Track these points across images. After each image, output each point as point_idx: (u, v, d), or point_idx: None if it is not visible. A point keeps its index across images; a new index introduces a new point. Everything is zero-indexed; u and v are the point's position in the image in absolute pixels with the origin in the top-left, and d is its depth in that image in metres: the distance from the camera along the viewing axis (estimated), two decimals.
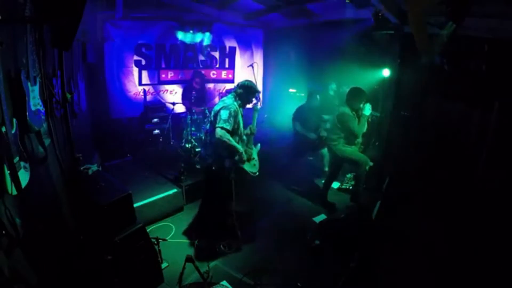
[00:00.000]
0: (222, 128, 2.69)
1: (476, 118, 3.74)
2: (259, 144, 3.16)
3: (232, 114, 2.75)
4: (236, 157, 2.84)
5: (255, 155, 3.16)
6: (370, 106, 3.78)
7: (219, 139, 2.69)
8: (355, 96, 3.72)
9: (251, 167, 3.03)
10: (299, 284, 2.69)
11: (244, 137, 3.07)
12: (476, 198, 3.47)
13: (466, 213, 3.42)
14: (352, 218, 3.77)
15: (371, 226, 3.51)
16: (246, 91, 2.93)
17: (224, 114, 2.73)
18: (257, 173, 3.09)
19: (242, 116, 3.01)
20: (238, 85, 2.99)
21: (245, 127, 3.11)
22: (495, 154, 3.53)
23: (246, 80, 3.01)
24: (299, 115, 4.67)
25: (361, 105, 3.73)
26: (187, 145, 4.71)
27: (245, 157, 2.91)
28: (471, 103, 3.71)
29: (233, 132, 2.82)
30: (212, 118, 2.89)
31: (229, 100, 2.88)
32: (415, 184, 4.06)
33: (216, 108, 2.85)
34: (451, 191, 3.75)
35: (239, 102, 2.91)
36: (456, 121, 3.95)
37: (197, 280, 2.70)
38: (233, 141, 2.76)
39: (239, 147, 2.84)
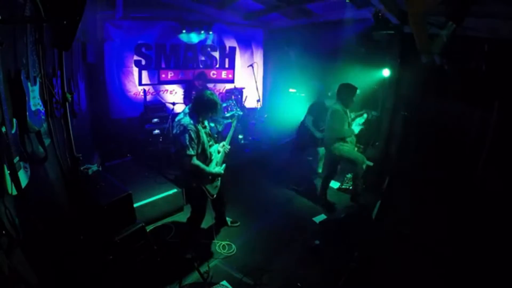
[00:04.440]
0: (188, 156, 2.56)
1: (476, 118, 3.74)
2: (224, 165, 2.98)
3: (192, 136, 2.55)
4: (209, 177, 2.80)
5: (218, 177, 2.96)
6: (365, 116, 3.80)
7: (190, 167, 2.61)
8: (345, 91, 3.72)
9: (213, 189, 2.89)
10: (299, 284, 2.69)
11: (214, 154, 2.91)
12: (476, 198, 3.47)
13: (466, 213, 3.42)
14: (352, 218, 3.77)
15: (371, 226, 3.51)
16: (202, 105, 2.66)
17: (184, 140, 2.53)
18: (215, 196, 2.93)
19: (208, 127, 2.88)
20: (195, 97, 2.77)
21: (220, 140, 3.03)
22: (495, 154, 3.52)
23: (205, 94, 2.69)
24: (314, 110, 4.66)
25: (354, 99, 3.75)
26: None
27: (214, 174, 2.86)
28: (471, 103, 3.71)
29: (199, 154, 2.67)
30: (173, 140, 2.77)
31: (185, 119, 2.62)
32: (415, 184, 4.06)
33: (175, 131, 2.64)
34: (451, 190, 3.75)
35: (197, 118, 2.66)
36: (456, 121, 3.95)
37: (197, 280, 2.71)
38: (202, 166, 2.67)
39: (210, 170, 2.77)
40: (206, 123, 2.86)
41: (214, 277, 2.74)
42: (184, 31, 5.46)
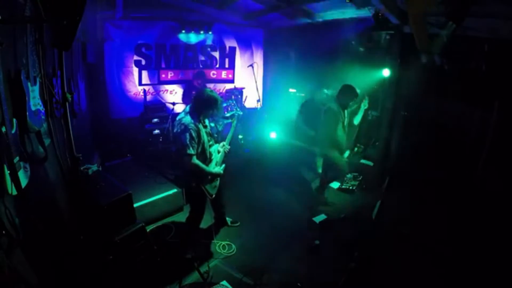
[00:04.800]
0: (188, 155, 2.56)
1: (476, 118, 3.74)
2: (223, 165, 3.00)
3: (193, 135, 2.56)
4: (209, 177, 2.80)
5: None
6: (367, 101, 3.80)
7: (190, 167, 2.62)
8: (345, 93, 3.68)
9: (212, 189, 2.89)
10: (299, 284, 2.69)
11: (214, 154, 2.92)
12: (476, 198, 3.47)
13: (466, 213, 3.42)
14: (352, 218, 3.78)
15: (371, 226, 3.51)
16: (202, 103, 2.68)
17: (184, 139, 2.54)
18: (214, 196, 2.94)
19: (209, 127, 2.88)
20: (195, 96, 2.77)
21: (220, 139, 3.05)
22: (495, 154, 3.53)
23: (205, 92, 2.71)
24: (305, 108, 4.66)
25: (351, 103, 3.74)
26: None
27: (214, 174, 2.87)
28: (471, 103, 3.72)
29: (199, 154, 2.68)
30: (173, 139, 2.80)
31: (186, 118, 2.64)
32: (415, 184, 4.06)
33: (176, 130, 2.66)
34: (451, 190, 3.75)
35: (197, 117, 2.67)
36: (456, 121, 3.95)
37: (197, 280, 2.71)
38: (202, 166, 2.67)
39: (210, 170, 2.77)
40: (207, 122, 2.87)
41: (214, 277, 2.74)
42: (183, 31, 5.46)
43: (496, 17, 3.06)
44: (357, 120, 3.92)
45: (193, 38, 5.69)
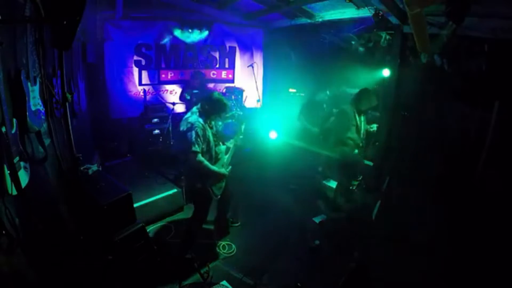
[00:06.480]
0: (193, 152, 2.59)
1: (476, 118, 3.74)
2: (230, 167, 3.02)
3: (199, 133, 2.61)
4: (211, 180, 2.80)
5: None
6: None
7: (195, 164, 2.64)
8: (361, 98, 3.67)
9: (217, 190, 2.92)
10: (299, 284, 2.69)
11: (221, 155, 2.94)
12: (476, 198, 3.47)
13: (466, 213, 3.42)
14: (352, 218, 3.77)
15: (371, 226, 3.51)
16: (211, 106, 2.74)
17: (190, 136, 2.60)
18: (219, 197, 2.97)
19: (215, 128, 2.90)
20: (204, 98, 2.83)
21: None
22: (495, 154, 3.52)
23: (215, 94, 2.81)
24: (306, 109, 4.73)
25: (367, 109, 3.75)
26: None
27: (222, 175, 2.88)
28: (471, 103, 3.71)
29: (204, 152, 2.72)
30: (179, 137, 2.80)
31: (193, 117, 2.71)
32: (414, 183, 4.06)
33: (182, 128, 2.72)
34: (451, 191, 3.75)
35: (203, 117, 2.73)
36: (456, 121, 3.95)
37: (197, 280, 2.71)
38: (207, 163, 2.68)
39: (215, 169, 2.77)
40: (213, 123, 2.90)
41: (214, 277, 2.74)
42: (179, 29, 5.42)
43: (496, 17, 3.06)
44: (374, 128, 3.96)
45: (192, 37, 5.68)
